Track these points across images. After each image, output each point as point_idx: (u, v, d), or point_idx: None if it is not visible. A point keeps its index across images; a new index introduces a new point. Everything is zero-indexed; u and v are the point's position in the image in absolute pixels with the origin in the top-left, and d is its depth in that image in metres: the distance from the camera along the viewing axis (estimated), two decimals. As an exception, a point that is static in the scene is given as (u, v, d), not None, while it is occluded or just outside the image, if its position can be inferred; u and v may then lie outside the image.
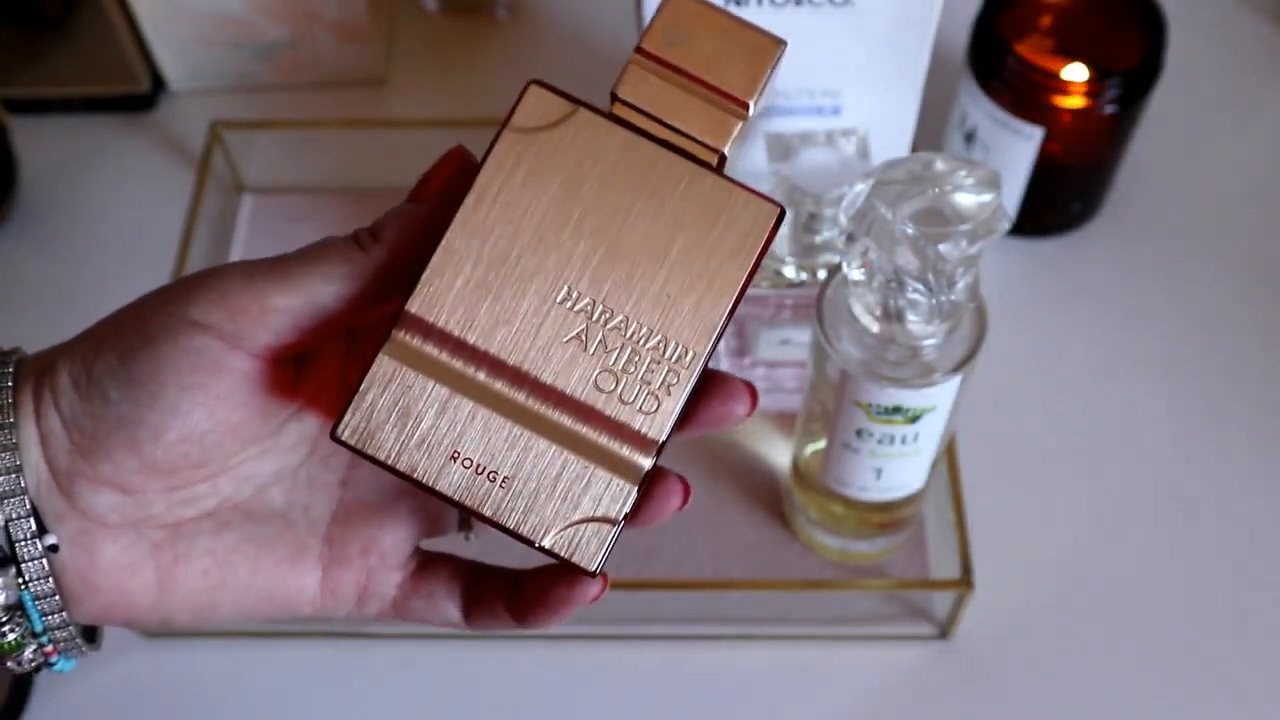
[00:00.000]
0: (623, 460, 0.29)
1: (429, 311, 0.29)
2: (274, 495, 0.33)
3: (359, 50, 0.70)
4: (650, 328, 0.30)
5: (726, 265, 0.30)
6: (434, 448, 0.29)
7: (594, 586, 0.31)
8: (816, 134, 0.52)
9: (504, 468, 0.29)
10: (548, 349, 0.29)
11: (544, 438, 0.29)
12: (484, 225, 0.29)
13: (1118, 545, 0.58)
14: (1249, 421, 0.61)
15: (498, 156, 0.30)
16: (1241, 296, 0.64)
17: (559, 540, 0.29)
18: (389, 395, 0.29)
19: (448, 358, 0.29)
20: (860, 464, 0.49)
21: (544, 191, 0.30)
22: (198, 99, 0.72)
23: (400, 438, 0.29)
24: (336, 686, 0.55)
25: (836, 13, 0.50)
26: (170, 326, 0.30)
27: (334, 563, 0.33)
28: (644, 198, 0.30)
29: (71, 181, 0.69)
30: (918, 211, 0.40)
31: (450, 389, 0.29)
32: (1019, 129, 0.59)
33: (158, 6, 0.67)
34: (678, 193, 0.30)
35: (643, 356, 0.30)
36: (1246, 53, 0.73)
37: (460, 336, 0.29)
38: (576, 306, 0.29)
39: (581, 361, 0.29)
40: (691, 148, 0.30)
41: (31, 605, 0.31)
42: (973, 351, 0.44)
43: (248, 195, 0.68)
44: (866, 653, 0.55)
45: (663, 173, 0.30)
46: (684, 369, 0.30)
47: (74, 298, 0.65)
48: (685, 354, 0.30)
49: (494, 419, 0.29)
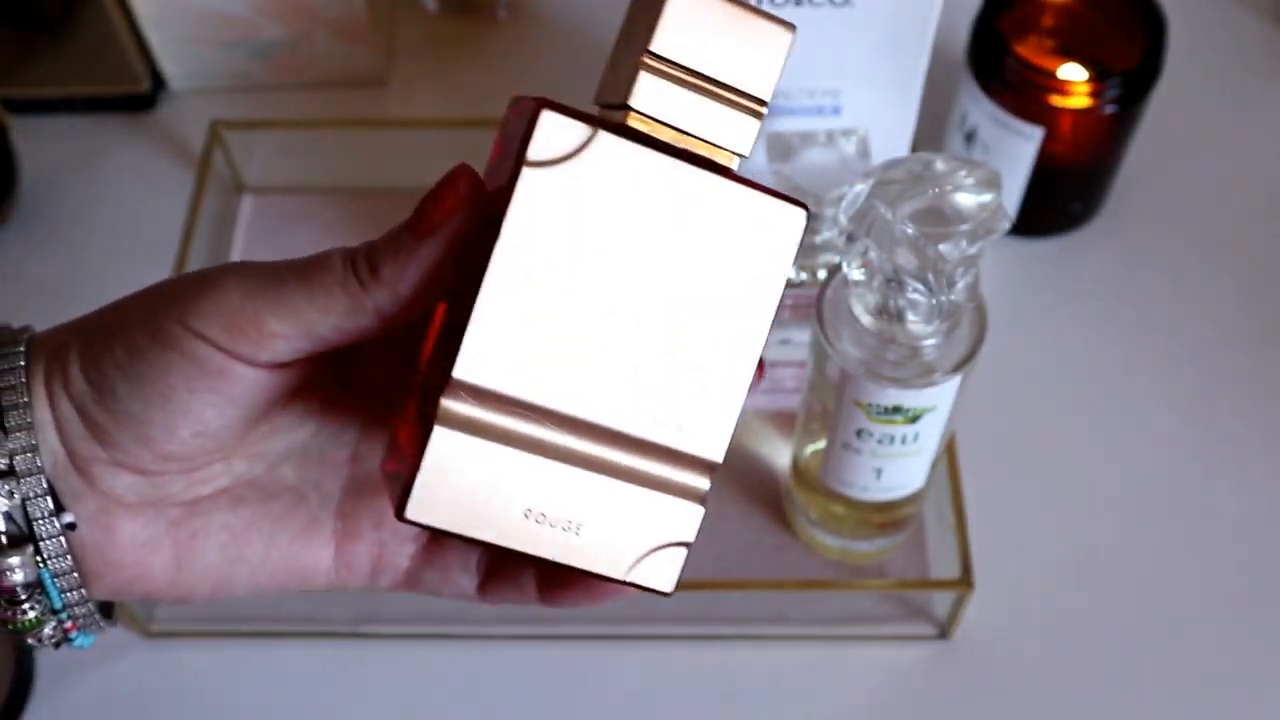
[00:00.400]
0: (684, 486, 0.30)
1: (476, 375, 0.28)
2: (286, 471, 0.33)
3: (359, 50, 0.70)
4: (695, 351, 0.29)
5: (761, 276, 0.30)
6: (506, 509, 0.29)
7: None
8: (816, 134, 0.52)
9: (576, 515, 0.29)
10: (598, 390, 0.29)
11: (608, 477, 0.29)
12: (518, 275, 0.28)
13: (1118, 545, 0.58)
14: (1249, 421, 0.61)
15: (521, 198, 0.28)
16: (1242, 296, 0.64)
17: (638, 573, 0.30)
18: (449, 466, 0.29)
19: (501, 417, 0.29)
20: (860, 464, 0.49)
21: (571, 229, 0.29)
22: (198, 99, 0.72)
23: (470, 505, 0.29)
24: (336, 686, 0.55)
25: (836, 13, 0.50)
26: (175, 333, 0.30)
27: (347, 536, 0.33)
28: (671, 218, 0.29)
29: (71, 181, 0.69)
30: (918, 211, 0.40)
31: (509, 447, 0.29)
32: (1019, 129, 0.59)
33: (158, 6, 0.67)
34: (705, 209, 0.29)
35: (692, 381, 0.30)
36: (1246, 53, 0.73)
37: (511, 395, 0.29)
38: (620, 342, 0.29)
39: (633, 396, 0.29)
40: (712, 153, 0.30)
41: (50, 583, 0.31)
42: (973, 351, 0.44)
43: (248, 195, 0.68)
44: (866, 653, 0.55)
45: (688, 190, 0.29)
46: (732, 386, 0.30)
47: (74, 298, 0.65)
48: (732, 372, 0.30)
49: (557, 469, 0.29)
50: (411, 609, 0.55)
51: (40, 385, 0.31)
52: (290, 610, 0.55)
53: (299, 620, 0.56)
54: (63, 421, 0.30)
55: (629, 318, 0.29)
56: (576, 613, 0.55)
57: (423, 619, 0.55)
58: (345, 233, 0.65)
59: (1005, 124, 0.60)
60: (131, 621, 0.55)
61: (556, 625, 0.55)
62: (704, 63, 0.29)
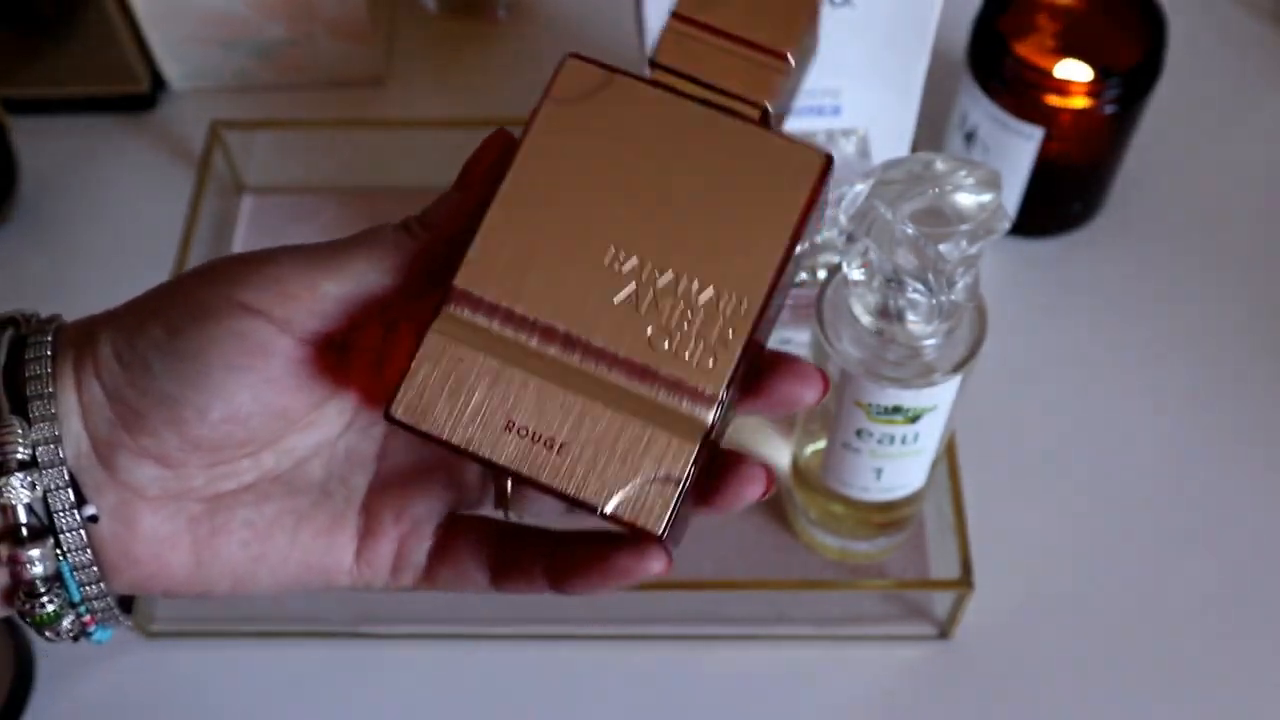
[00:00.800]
0: (682, 418, 0.28)
1: (477, 285, 0.29)
2: (313, 468, 0.33)
3: (359, 50, 0.70)
4: (701, 282, 0.29)
5: (776, 214, 0.29)
6: (488, 419, 0.28)
7: (659, 560, 0.30)
8: (816, 134, 0.52)
9: (560, 434, 0.28)
10: (598, 312, 0.29)
11: (600, 402, 0.29)
12: (527, 196, 0.29)
13: (1118, 545, 0.58)
14: (1249, 421, 0.61)
15: (538, 128, 0.29)
16: (1241, 296, 0.64)
17: (622, 505, 0.28)
18: (440, 371, 0.29)
19: (498, 328, 0.29)
20: (860, 464, 0.49)
21: (585, 158, 0.29)
22: (198, 99, 0.72)
23: (453, 412, 0.29)
24: (336, 686, 0.55)
25: (836, 13, 0.50)
26: (219, 307, 0.30)
27: (369, 533, 0.33)
28: (686, 155, 0.29)
29: (71, 181, 0.69)
30: (918, 211, 0.40)
31: (502, 360, 0.29)
32: (1019, 129, 0.59)
33: (158, 6, 0.67)
34: (720, 147, 0.29)
35: (696, 312, 0.29)
36: (1246, 53, 0.73)
37: (509, 307, 0.29)
38: (625, 268, 0.29)
39: (633, 322, 0.29)
40: (734, 105, 0.30)
41: (70, 576, 0.31)
42: (972, 351, 0.44)
43: (248, 195, 0.68)
44: (866, 653, 0.55)
45: (704, 129, 0.29)
46: (740, 320, 0.29)
47: (74, 298, 0.65)
48: (740, 305, 0.29)
49: (547, 386, 0.29)
50: (411, 609, 0.55)
51: (69, 372, 0.30)
52: (290, 610, 0.55)
53: (299, 620, 0.56)
54: (90, 408, 0.30)
55: (636, 245, 0.29)
56: (576, 613, 0.55)
57: (423, 619, 0.55)
58: (345, 233, 0.65)
59: (1005, 124, 0.59)
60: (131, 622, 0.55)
61: (557, 625, 0.55)
62: (727, 22, 0.30)
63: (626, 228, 0.29)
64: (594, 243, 0.29)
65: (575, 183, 0.29)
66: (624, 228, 0.29)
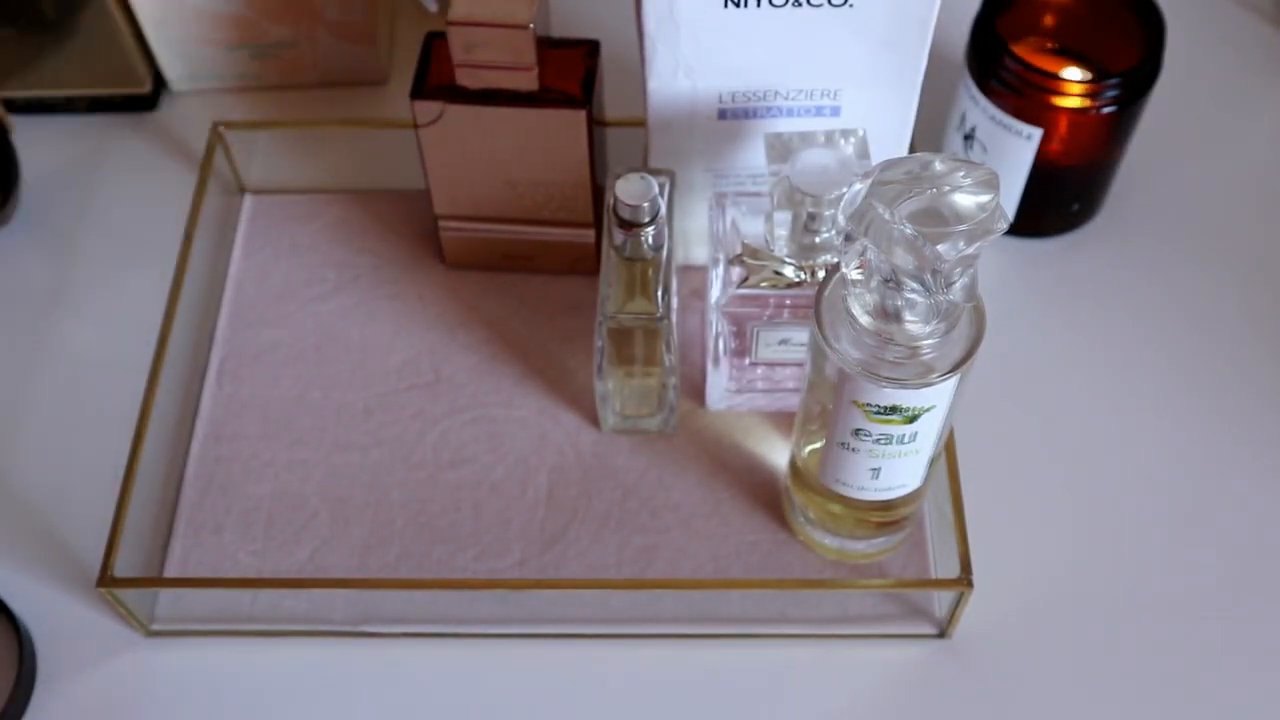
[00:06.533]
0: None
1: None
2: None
3: (360, 50, 0.70)
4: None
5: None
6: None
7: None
8: (816, 134, 0.52)
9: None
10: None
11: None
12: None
13: (1118, 545, 0.58)
14: (1249, 421, 0.61)
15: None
16: (1241, 296, 0.65)
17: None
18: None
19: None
20: (858, 463, 0.49)
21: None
22: (199, 99, 0.72)
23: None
24: (336, 686, 0.55)
25: (836, 13, 0.50)
26: None
27: None
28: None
29: (73, 182, 0.69)
30: (916, 212, 0.40)
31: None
32: (1018, 129, 0.59)
33: (160, 7, 0.67)
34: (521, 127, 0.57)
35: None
36: (1246, 53, 0.73)
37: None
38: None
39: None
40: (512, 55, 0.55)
41: None
42: (971, 351, 0.44)
43: (249, 195, 0.68)
44: (866, 652, 0.55)
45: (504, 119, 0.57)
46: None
47: (74, 298, 0.66)
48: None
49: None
50: (411, 609, 0.55)
51: None
52: (290, 610, 0.56)
53: (299, 620, 0.56)
54: None
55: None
56: (576, 613, 0.55)
57: (423, 619, 0.55)
58: (347, 233, 0.66)
59: (1004, 124, 0.60)
60: (132, 621, 0.55)
61: (557, 625, 0.56)
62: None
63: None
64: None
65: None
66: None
